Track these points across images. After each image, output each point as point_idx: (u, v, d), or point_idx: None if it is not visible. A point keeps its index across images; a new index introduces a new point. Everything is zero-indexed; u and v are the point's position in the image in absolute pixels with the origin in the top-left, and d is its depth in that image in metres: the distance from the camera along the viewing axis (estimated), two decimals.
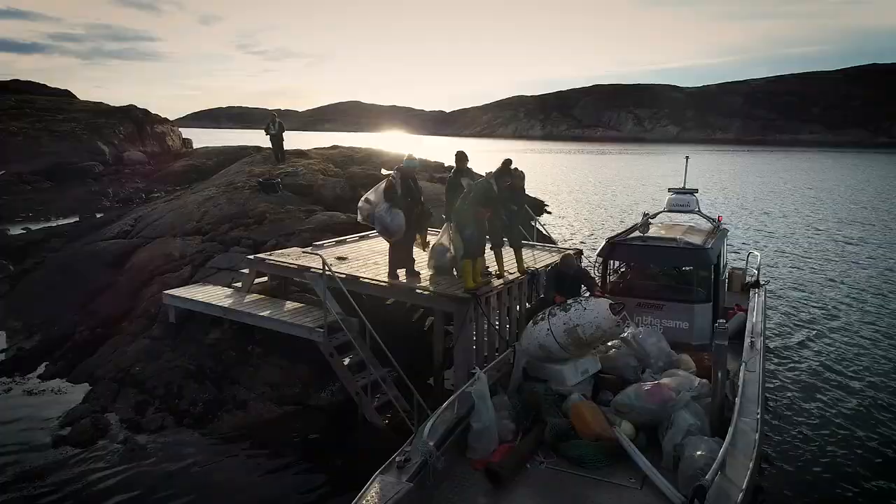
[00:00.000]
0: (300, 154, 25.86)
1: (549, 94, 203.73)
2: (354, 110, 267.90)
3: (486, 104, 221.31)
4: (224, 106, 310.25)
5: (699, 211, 10.69)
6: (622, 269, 10.29)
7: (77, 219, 21.46)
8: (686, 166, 11.64)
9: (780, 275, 16.33)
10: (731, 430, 5.33)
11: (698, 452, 5.50)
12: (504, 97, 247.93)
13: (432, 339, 8.86)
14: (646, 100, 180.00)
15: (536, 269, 9.44)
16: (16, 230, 19.67)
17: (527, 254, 10.53)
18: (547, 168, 59.63)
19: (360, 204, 8.76)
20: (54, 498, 6.28)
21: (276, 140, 21.58)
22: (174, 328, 9.78)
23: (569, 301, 6.90)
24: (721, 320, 6.54)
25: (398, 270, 8.86)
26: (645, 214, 11.37)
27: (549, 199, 31.90)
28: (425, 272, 9.05)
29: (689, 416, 6.20)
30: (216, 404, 8.12)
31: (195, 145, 53.73)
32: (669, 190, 11.13)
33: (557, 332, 6.73)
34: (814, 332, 11.79)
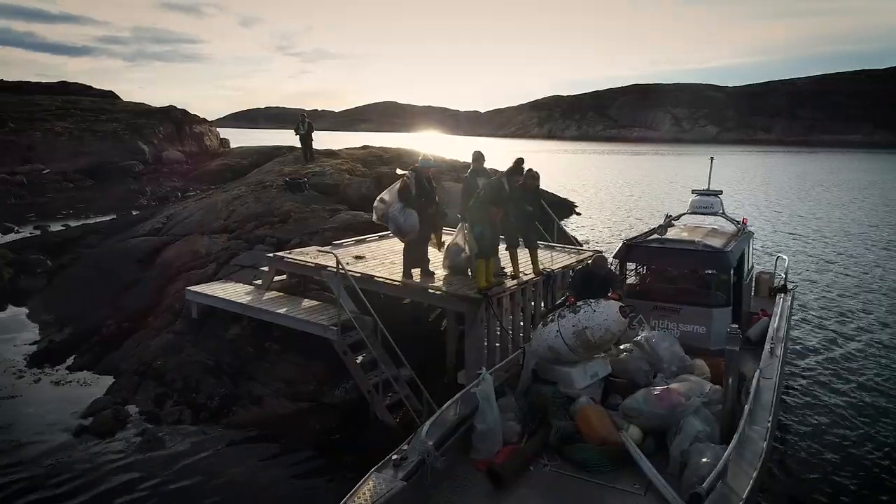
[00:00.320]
0: (330, 154, 26.21)
1: (585, 93, 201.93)
2: (390, 110, 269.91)
3: (522, 104, 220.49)
4: (262, 106, 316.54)
5: (723, 213, 10.47)
6: (643, 271, 10.16)
7: (115, 216, 22.15)
8: (711, 167, 11.39)
9: (812, 280, 15.85)
10: (736, 436, 5.21)
11: (703, 459, 5.40)
12: (539, 97, 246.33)
13: (446, 339, 8.89)
14: (684, 100, 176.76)
15: (552, 270, 9.37)
16: (56, 227, 20.41)
17: (545, 255, 10.48)
18: (579, 169, 59.00)
19: (375, 204, 8.84)
20: (72, 485, 6.49)
21: (305, 140, 21.92)
22: (196, 324, 10.02)
23: (579, 303, 6.83)
24: (733, 325, 6.38)
25: (413, 270, 8.91)
26: (667, 216, 11.19)
27: (579, 199, 31.63)
28: (440, 272, 9.08)
29: (698, 423, 6.09)
30: (232, 399, 8.29)
31: (232, 145, 54.81)
32: (693, 191, 10.93)
33: (566, 333, 6.68)
34: (843, 341, 11.39)
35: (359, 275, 8.82)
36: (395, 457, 4.99)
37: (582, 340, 6.61)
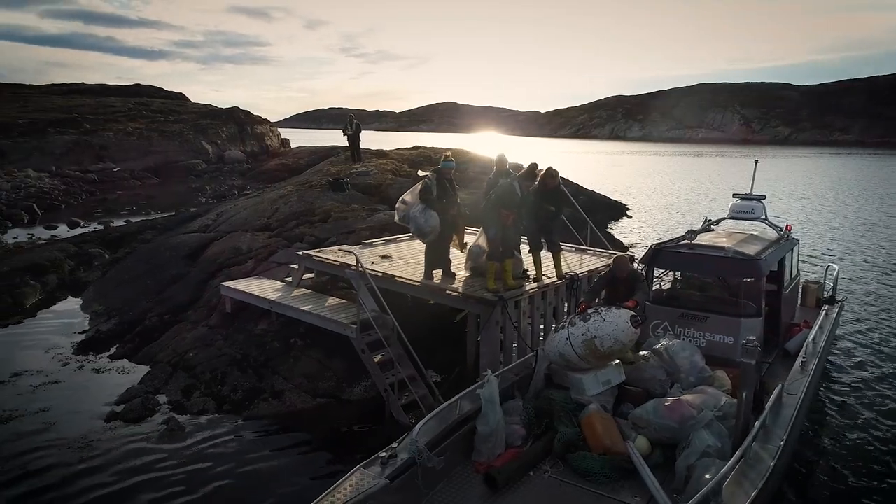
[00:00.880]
0: (380, 154, 26.60)
1: (650, 93, 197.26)
2: (449, 111, 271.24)
3: (583, 104, 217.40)
4: (325, 107, 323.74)
5: (766, 219, 10.03)
6: (677, 277, 9.88)
7: (173, 213, 23.14)
8: (754, 171, 10.94)
9: (867, 292, 14.87)
10: (738, 452, 4.99)
11: (706, 475, 5.20)
12: (602, 97, 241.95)
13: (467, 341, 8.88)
14: (755, 99, 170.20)
15: (577, 273, 9.21)
16: (118, 222, 21.52)
17: (574, 257, 10.32)
18: (637, 170, 57.66)
19: (397, 205, 8.93)
20: (94, 467, 6.83)
21: (353, 140, 22.35)
22: (229, 318, 10.37)
23: (590, 310, 6.70)
24: (750, 337, 6.11)
25: (435, 271, 8.94)
26: (706, 220, 10.82)
27: (632, 201, 30.96)
28: (463, 273, 9.07)
29: (709, 437, 5.88)
30: (255, 392, 8.53)
31: (293, 145, 56.37)
32: (734, 195, 10.54)
33: (576, 342, 6.57)
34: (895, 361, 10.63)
35: (380, 274, 8.93)
36: (383, 454, 5.02)
37: (591, 349, 6.48)
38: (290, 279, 10.50)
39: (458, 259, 9.42)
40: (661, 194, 36.40)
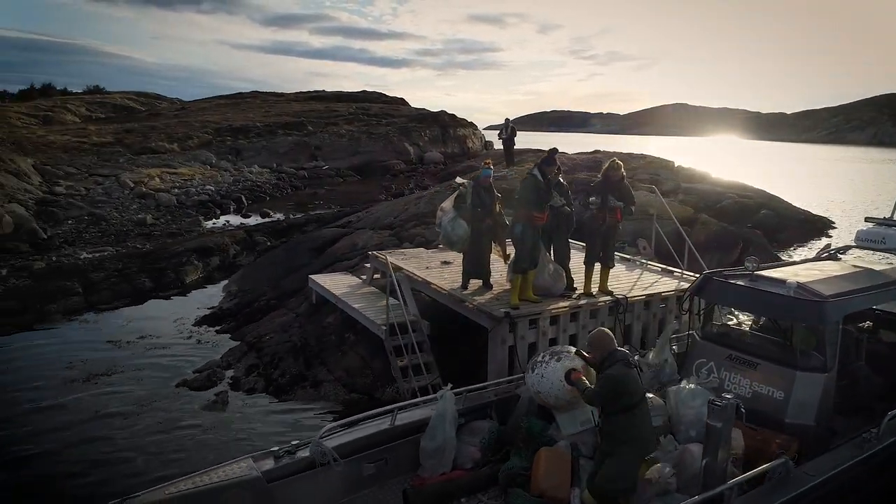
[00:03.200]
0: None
1: None
2: (678, 112, 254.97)
3: (842, 104, 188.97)
4: (548, 110, 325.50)
5: None
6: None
7: (347, 208, 25.43)
8: None
9: None
10: None
11: None
12: (865, 96, 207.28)
13: None
14: None
15: (626, 297, 8.33)
16: (298, 215, 24.29)
17: (649, 278, 9.36)
18: (882, 181, 48.63)
19: (437, 212, 8.92)
20: (144, 419, 8.06)
21: (508, 144, 22.46)
22: (313, 309, 11.28)
23: (540, 357, 6.12)
24: (727, 396, 5.05)
25: (472, 281, 8.79)
26: (826, 247, 9.08)
27: (840, 218, 26.48)
28: (503, 285, 8.77)
29: None
30: (298, 379, 9.21)
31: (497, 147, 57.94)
32: (867, 220, 8.69)
33: (532, 389, 6.13)
34: None
35: (420, 279, 9.03)
36: (276, 448, 5.17)
37: (540, 401, 6.02)
38: (364, 277, 11.09)
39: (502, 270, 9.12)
40: (883, 212, 30.31)
